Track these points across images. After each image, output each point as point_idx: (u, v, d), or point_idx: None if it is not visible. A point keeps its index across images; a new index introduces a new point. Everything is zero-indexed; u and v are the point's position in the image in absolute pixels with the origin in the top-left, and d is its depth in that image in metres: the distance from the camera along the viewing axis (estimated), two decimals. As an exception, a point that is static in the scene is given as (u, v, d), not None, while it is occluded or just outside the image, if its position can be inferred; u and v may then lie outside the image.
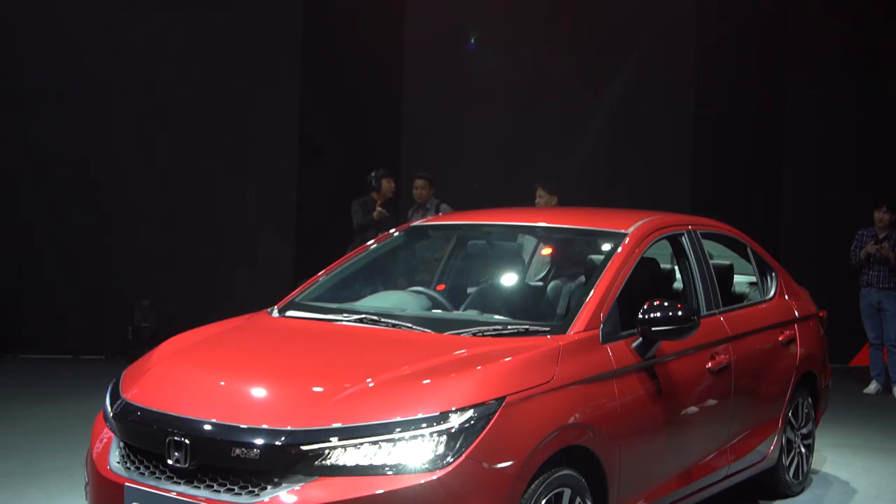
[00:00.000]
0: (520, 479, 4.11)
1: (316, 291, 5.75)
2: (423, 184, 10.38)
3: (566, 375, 4.48)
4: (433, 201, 10.39)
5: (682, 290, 5.97)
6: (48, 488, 6.37)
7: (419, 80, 12.67)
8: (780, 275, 6.84)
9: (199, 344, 5.03)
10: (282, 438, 3.94)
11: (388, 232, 6.37)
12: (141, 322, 11.72)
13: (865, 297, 10.80)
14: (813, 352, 6.79)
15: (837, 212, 12.38)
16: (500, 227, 6.27)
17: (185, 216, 12.01)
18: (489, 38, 12.65)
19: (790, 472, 6.62)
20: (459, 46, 12.66)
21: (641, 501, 4.98)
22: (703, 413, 5.49)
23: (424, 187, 10.37)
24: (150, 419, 4.29)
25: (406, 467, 3.90)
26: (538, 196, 9.80)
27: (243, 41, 12.09)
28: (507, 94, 12.69)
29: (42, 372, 10.79)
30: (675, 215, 6.25)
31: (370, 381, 4.22)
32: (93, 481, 4.45)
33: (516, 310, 5.49)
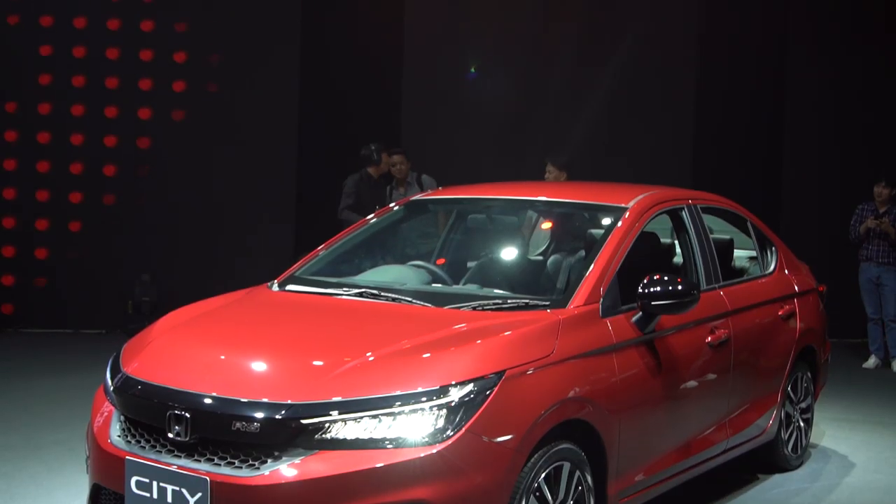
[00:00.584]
0: (519, 452, 4.13)
1: (316, 266, 5.75)
2: (402, 159, 10.35)
3: (566, 349, 4.49)
4: (412, 174, 10.39)
5: (682, 264, 5.98)
6: (49, 462, 6.39)
7: (420, 52, 12.61)
8: (780, 249, 6.84)
9: (199, 318, 5.03)
10: (282, 412, 3.95)
11: (388, 206, 6.36)
12: (141, 296, 11.71)
13: (864, 272, 10.79)
14: (812, 326, 6.79)
15: (838, 186, 12.35)
16: (500, 201, 6.26)
17: (185, 190, 11.98)
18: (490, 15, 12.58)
19: (789, 446, 6.64)
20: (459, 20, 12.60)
21: (640, 475, 5.00)
22: (702, 387, 5.50)
23: (403, 162, 10.35)
24: (151, 393, 4.30)
25: (406, 441, 3.91)
26: (548, 171, 9.80)
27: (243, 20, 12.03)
28: (507, 71, 12.64)
29: (42, 346, 10.80)
30: (675, 190, 6.25)
31: (370, 354, 4.23)
32: (93, 455, 4.46)
33: (516, 284, 5.50)
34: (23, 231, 11.70)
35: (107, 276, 11.81)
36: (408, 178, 10.34)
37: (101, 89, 11.73)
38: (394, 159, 10.35)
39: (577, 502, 4.49)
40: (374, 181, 10.36)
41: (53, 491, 5.83)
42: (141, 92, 11.83)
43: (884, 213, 10.53)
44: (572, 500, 4.46)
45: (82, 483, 4.80)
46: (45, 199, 11.71)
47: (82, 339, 11.34)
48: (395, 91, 12.58)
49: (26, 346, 10.77)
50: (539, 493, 4.26)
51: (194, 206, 11.99)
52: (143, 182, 11.88)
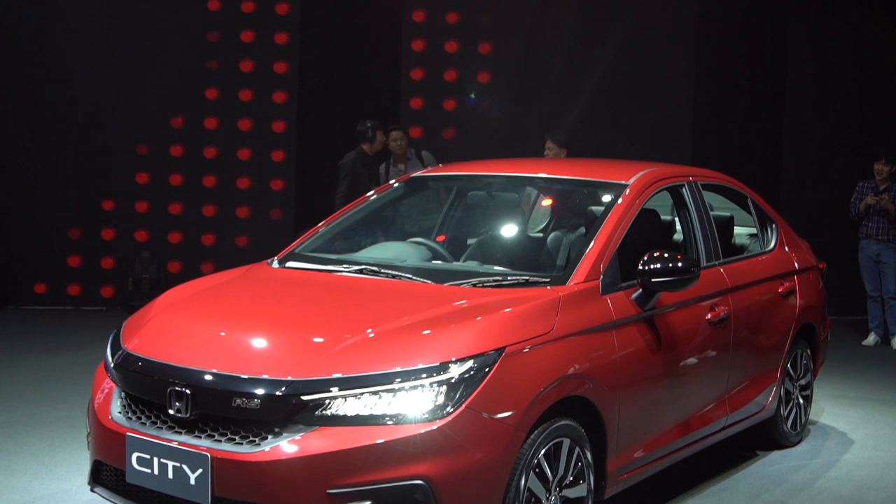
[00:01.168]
0: (519, 429, 4.14)
1: (316, 242, 5.75)
2: (401, 135, 10.39)
3: (566, 326, 4.49)
4: (411, 150, 10.39)
5: (683, 241, 5.98)
6: (50, 438, 6.41)
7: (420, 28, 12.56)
8: (780, 226, 6.83)
9: (199, 294, 5.04)
10: (282, 388, 3.96)
11: (388, 183, 6.35)
12: (141, 273, 11.71)
13: (864, 249, 10.79)
14: (812, 303, 6.80)
15: (838, 163, 12.34)
16: (500, 178, 6.26)
17: (186, 167, 11.97)
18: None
19: (788, 423, 6.66)
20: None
21: (640, 451, 5.01)
22: (701, 364, 5.51)
23: (402, 138, 10.38)
24: (151, 369, 4.30)
25: (406, 417, 3.92)
26: (548, 148, 9.80)
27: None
28: (506, 47, 12.60)
29: (43, 323, 10.81)
30: (675, 166, 6.24)
31: (370, 331, 4.23)
32: (94, 431, 4.48)
33: (516, 261, 5.50)
34: (23, 207, 11.68)
35: (107, 253, 11.81)
36: (407, 154, 10.33)
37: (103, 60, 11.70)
38: (392, 135, 10.35)
39: (576, 478, 4.50)
40: (368, 159, 10.35)
41: (55, 467, 5.85)
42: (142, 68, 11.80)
43: (884, 190, 10.52)
44: (572, 477, 4.48)
45: (83, 459, 4.82)
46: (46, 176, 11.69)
47: (82, 316, 11.36)
48: (394, 67, 12.53)
49: (27, 323, 10.78)
50: (539, 469, 4.27)
51: (194, 182, 11.98)
52: (144, 158, 11.85)
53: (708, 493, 5.75)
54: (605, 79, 12.50)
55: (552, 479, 4.36)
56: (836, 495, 5.80)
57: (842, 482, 6.05)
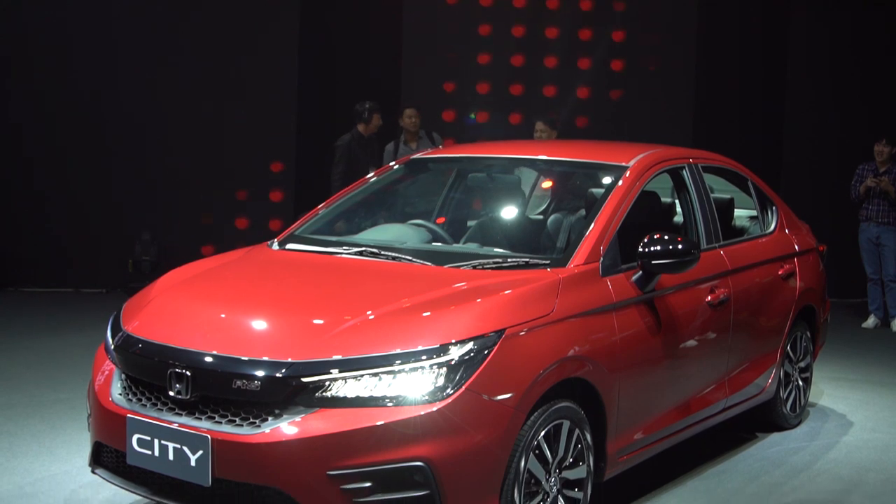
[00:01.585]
0: (519, 410, 4.14)
1: (316, 224, 5.74)
2: (414, 112, 10.35)
3: (566, 308, 4.49)
4: (422, 130, 10.38)
5: (683, 223, 5.97)
6: (51, 420, 6.42)
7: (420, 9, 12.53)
8: (780, 209, 6.83)
9: (199, 276, 5.03)
10: (282, 370, 3.96)
11: (388, 165, 6.34)
12: (141, 255, 11.71)
13: (864, 231, 10.80)
14: (812, 286, 6.80)
15: (838, 146, 12.33)
16: (500, 160, 6.25)
17: (186, 149, 11.95)
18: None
19: (787, 405, 6.67)
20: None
21: (640, 433, 5.02)
22: (701, 346, 5.51)
23: (416, 116, 10.34)
24: (152, 351, 4.30)
25: (406, 399, 3.92)
26: (539, 130, 9.79)
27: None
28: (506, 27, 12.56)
29: (43, 305, 10.82)
30: (676, 148, 6.23)
31: (370, 313, 4.23)
32: (95, 413, 4.48)
33: (516, 243, 5.50)
34: (23, 189, 11.68)
35: (107, 234, 11.81)
36: (419, 134, 10.32)
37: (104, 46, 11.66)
38: (406, 112, 10.33)
39: (576, 460, 4.51)
40: (364, 139, 10.32)
41: (55, 449, 5.86)
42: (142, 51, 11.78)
43: (884, 173, 10.51)
44: (571, 458, 4.49)
45: (84, 441, 4.83)
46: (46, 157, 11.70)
47: (83, 298, 11.36)
48: (395, 49, 12.51)
49: (27, 305, 10.79)
50: (539, 451, 4.28)
51: (194, 164, 11.97)
52: (143, 141, 11.83)
53: (707, 474, 5.77)
54: (606, 60, 12.48)
55: (552, 461, 4.37)
56: (835, 477, 5.82)
57: (841, 464, 6.07)
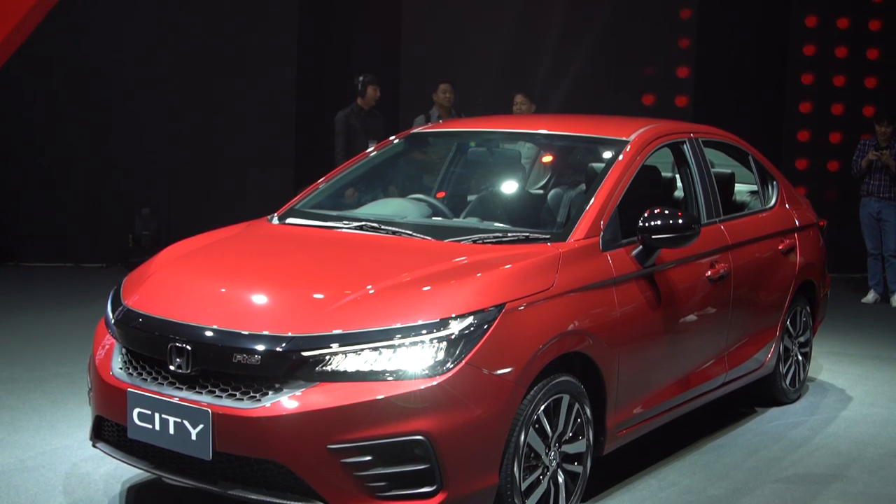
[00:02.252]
0: (519, 385, 4.15)
1: (316, 199, 5.73)
2: (449, 87, 10.31)
3: (566, 283, 4.49)
4: (453, 110, 10.36)
5: (683, 198, 5.96)
6: (52, 394, 6.43)
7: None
8: (781, 183, 6.82)
9: (199, 251, 5.03)
10: (283, 344, 3.96)
11: (388, 139, 6.32)
12: (141, 230, 11.71)
13: (865, 206, 10.78)
14: (812, 261, 6.80)
15: (839, 120, 12.31)
16: (500, 134, 6.23)
17: (185, 124, 11.94)
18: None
19: (787, 380, 6.68)
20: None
21: (639, 408, 5.03)
22: (701, 321, 5.51)
23: (450, 91, 10.31)
24: (152, 325, 4.31)
25: (406, 373, 3.92)
26: (520, 103, 9.86)
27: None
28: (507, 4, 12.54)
29: (43, 280, 10.83)
30: (676, 123, 6.21)
31: (370, 287, 4.23)
32: (96, 387, 4.49)
33: (517, 217, 5.49)
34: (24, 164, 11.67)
35: (107, 209, 11.81)
36: (451, 111, 10.30)
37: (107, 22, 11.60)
38: (441, 87, 10.30)
39: (576, 434, 4.52)
40: (363, 113, 10.29)
41: (56, 423, 5.87)
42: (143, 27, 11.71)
43: (885, 147, 10.48)
44: (571, 433, 4.50)
45: (85, 415, 4.84)
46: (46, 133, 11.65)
47: (83, 273, 11.37)
48: (394, 24, 12.46)
49: (27, 280, 10.80)
50: (538, 425, 4.29)
51: (194, 139, 11.95)
52: (143, 117, 11.81)
53: (706, 448, 5.78)
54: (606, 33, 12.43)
55: (552, 435, 4.38)
56: (833, 451, 5.84)
57: (840, 438, 6.08)
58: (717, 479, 5.31)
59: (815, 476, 5.43)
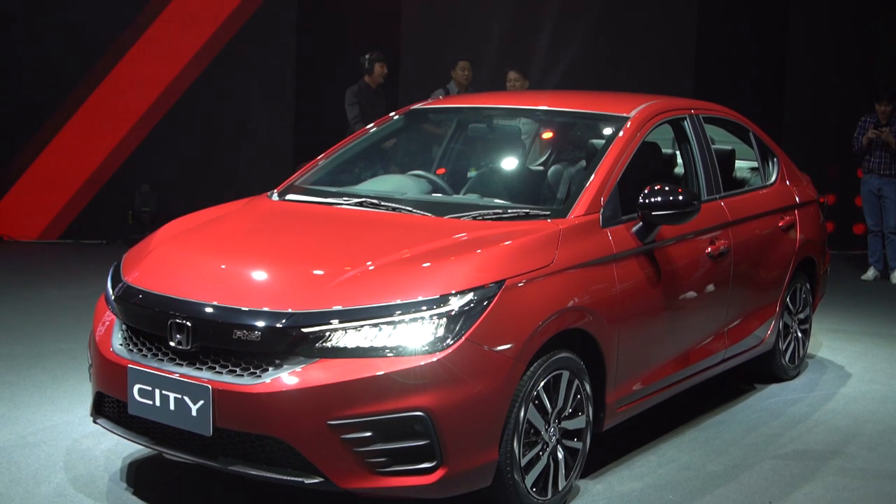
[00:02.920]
0: (519, 361, 4.15)
1: (315, 175, 5.72)
2: (468, 65, 10.32)
3: (566, 259, 4.49)
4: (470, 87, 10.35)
5: (684, 174, 5.95)
6: (52, 370, 6.44)
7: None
8: (781, 160, 6.81)
9: (199, 227, 5.02)
10: (283, 321, 3.96)
11: (388, 115, 6.31)
12: (141, 207, 11.71)
13: (866, 183, 10.77)
14: (812, 237, 6.79)
15: (840, 97, 12.28)
16: (500, 110, 6.22)
17: (185, 100, 11.91)
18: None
19: (786, 357, 6.69)
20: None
21: (639, 384, 5.04)
22: (701, 297, 5.52)
23: (469, 69, 10.31)
24: (152, 302, 4.30)
25: (406, 349, 3.93)
26: (512, 80, 9.86)
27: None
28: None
29: (43, 256, 10.83)
30: (677, 99, 6.19)
31: (370, 264, 4.22)
32: (96, 363, 4.49)
33: (517, 194, 5.48)
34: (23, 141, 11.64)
35: (107, 186, 11.79)
36: (469, 87, 10.29)
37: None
38: (460, 64, 10.29)
39: (575, 410, 4.53)
40: (370, 91, 10.28)
41: (56, 399, 5.88)
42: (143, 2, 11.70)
43: (886, 125, 10.46)
44: (571, 409, 4.50)
45: (85, 391, 4.85)
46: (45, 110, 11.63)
47: (83, 250, 11.37)
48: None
49: (27, 256, 10.79)
50: (538, 401, 4.30)
51: (194, 115, 11.92)
52: (143, 92, 11.77)
53: (706, 425, 5.80)
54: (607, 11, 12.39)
55: (551, 411, 4.39)
56: (832, 428, 5.85)
57: (839, 415, 6.10)
58: (716, 455, 5.32)
59: (813, 452, 5.45)
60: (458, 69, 10.26)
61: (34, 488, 4.60)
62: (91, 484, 4.67)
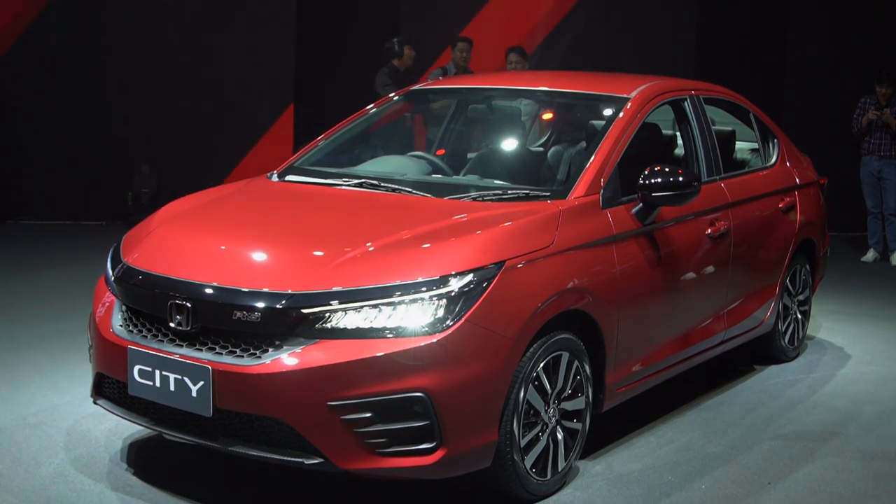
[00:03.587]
0: (518, 342, 4.16)
1: (315, 156, 5.71)
2: (467, 46, 10.35)
3: (566, 240, 4.49)
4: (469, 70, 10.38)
5: (684, 155, 5.95)
6: (52, 352, 6.44)
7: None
8: (781, 141, 6.80)
9: (199, 208, 5.02)
10: (283, 301, 3.96)
11: (388, 96, 6.29)
12: (141, 188, 11.68)
13: (866, 165, 10.75)
14: (812, 219, 6.79)
15: (840, 78, 12.24)
16: (501, 91, 6.20)
17: (185, 81, 11.87)
18: None
19: (786, 338, 6.69)
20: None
21: (638, 365, 5.05)
22: (701, 279, 5.52)
23: (468, 50, 10.33)
24: (152, 283, 4.30)
25: (406, 330, 3.93)
26: (513, 62, 9.86)
27: None
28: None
29: (42, 238, 10.81)
30: (678, 80, 6.18)
31: (370, 245, 4.22)
32: (96, 344, 4.49)
33: (516, 175, 5.48)
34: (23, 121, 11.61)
35: (106, 167, 11.77)
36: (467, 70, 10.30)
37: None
38: (459, 45, 10.33)
39: (575, 391, 4.54)
40: (400, 74, 10.26)
41: (57, 380, 5.89)
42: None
43: (886, 106, 10.43)
44: (570, 390, 4.51)
45: (85, 372, 4.85)
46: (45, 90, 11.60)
47: (82, 231, 11.35)
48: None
49: (26, 238, 10.78)
50: (538, 382, 4.30)
51: (194, 96, 11.89)
52: (142, 73, 11.75)
53: (705, 406, 5.81)
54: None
55: (551, 392, 4.39)
56: (831, 409, 5.86)
57: (837, 396, 6.11)
58: (715, 436, 5.33)
59: (812, 433, 5.46)
60: (458, 50, 10.26)
61: (35, 469, 4.61)
62: (91, 464, 4.68)
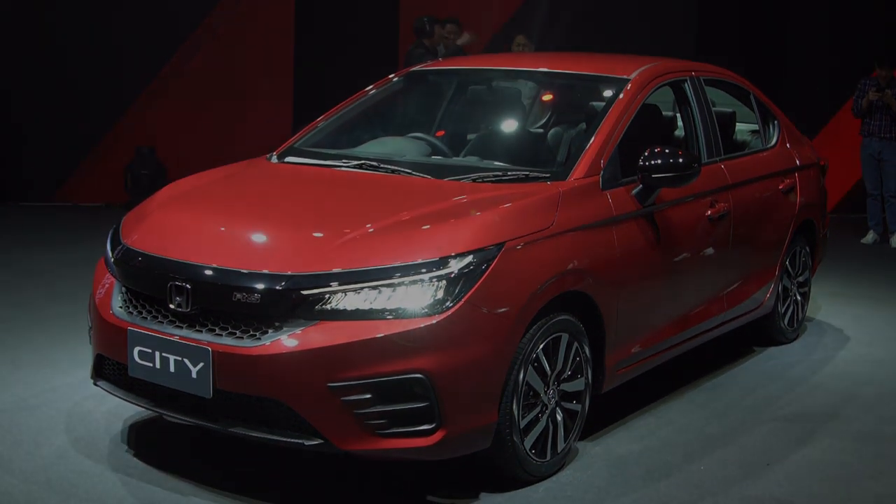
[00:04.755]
0: (518, 323, 4.16)
1: (315, 137, 5.70)
2: (455, 28, 10.37)
3: (565, 221, 4.48)
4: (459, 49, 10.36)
5: (684, 137, 5.94)
6: (52, 333, 6.45)
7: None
8: (782, 123, 6.78)
9: (198, 189, 5.01)
10: (283, 283, 3.96)
11: (387, 77, 6.27)
12: (140, 169, 11.67)
13: (866, 147, 10.74)
14: (812, 201, 6.79)
15: (841, 60, 12.21)
16: (500, 72, 6.19)
17: (185, 62, 11.85)
18: None
19: (785, 320, 6.69)
20: None
21: (638, 347, 5.05)
22: (700, 260, 5.52)
23: (455, 32, 10.35)
24: (152, 264, 4.30)
25: (406, 311, 3.93)
26: (520, 45, 9.88)
27: None
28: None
29: (42, 220, 10.81)
30: (678, 61, 6.16)
31: (370, 226, 4.22)
32: (96, 326, 4.49)
33: (516, 156, 5.46)
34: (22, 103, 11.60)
35: (106, 148, 11.76)
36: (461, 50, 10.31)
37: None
38: (448, 27, 10.31)
39: (574, 373, 4.54)
40: (431, 52, 10.24)
41: (57, 362, 5.89)
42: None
43: (886, 86, 10.41)
44: (570, 371, 4.51)
45: (85, 354, 4.85)
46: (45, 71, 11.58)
47: (81, 212, 11.35)
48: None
49: (25, 220, 10.78)
50: (537, 363, 4.31)
51: (193, 78, 11.87)
52: (142, 55, 11.72)
53: (705, 387, 5.82)
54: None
55: (550, 374, 4.40)
56: (830, 390, 5.87)
57: (837, 378, 6.11)
58: (714, 417, 5.34)
59: (811, 415, 5.46)
60: (446, 32, 10.27)
61: (35, 450, 4.62)
62: (92, 446, 4.69)
